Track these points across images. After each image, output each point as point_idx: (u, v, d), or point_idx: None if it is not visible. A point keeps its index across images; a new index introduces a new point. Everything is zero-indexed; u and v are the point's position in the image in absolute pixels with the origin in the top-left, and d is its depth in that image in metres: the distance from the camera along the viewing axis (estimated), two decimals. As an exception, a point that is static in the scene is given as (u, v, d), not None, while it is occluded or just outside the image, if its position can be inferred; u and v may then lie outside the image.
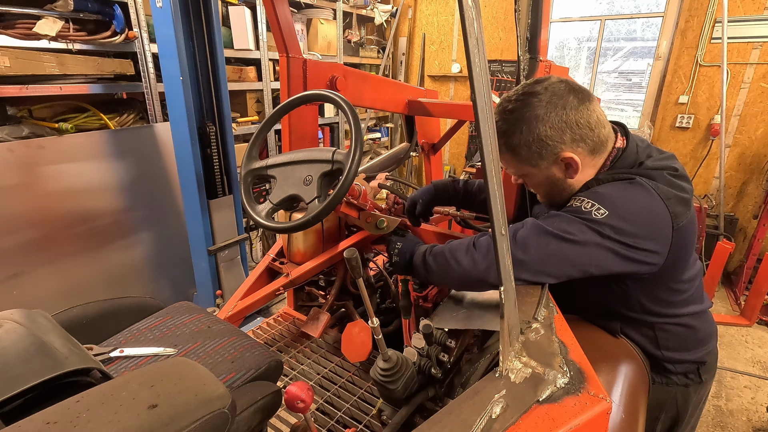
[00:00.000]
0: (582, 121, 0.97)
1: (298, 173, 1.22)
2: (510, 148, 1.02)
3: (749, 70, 3.54)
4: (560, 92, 0.97)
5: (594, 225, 0.91)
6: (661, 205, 0.93)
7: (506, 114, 1.00)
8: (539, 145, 0.98)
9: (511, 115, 0.99)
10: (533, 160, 1.02)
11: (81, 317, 1.03)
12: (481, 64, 0.63)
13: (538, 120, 0.96)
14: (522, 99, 0.99)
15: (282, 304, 3.04)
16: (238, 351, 1.00)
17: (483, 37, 0.64)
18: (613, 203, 0.92)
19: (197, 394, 0.61)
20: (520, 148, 1.00)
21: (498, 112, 1.02)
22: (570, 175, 1.02)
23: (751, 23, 3.46)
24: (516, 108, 0.99)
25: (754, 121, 3.63)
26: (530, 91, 0.99)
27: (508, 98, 1.02)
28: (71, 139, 2.36)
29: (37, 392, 0.62)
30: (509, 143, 1.01)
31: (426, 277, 1.11)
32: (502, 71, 4.72)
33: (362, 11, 4.65)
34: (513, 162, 1.05)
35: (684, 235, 0.96)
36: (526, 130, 0.97)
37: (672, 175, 0.98)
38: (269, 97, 3.59)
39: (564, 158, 1.00)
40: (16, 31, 2.15)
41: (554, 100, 0.97)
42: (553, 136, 0.97)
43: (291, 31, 1.53)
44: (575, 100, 0.97)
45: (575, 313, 1.15)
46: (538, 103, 0.97)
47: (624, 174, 1.00)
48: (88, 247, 2.51)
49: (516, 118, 0.98)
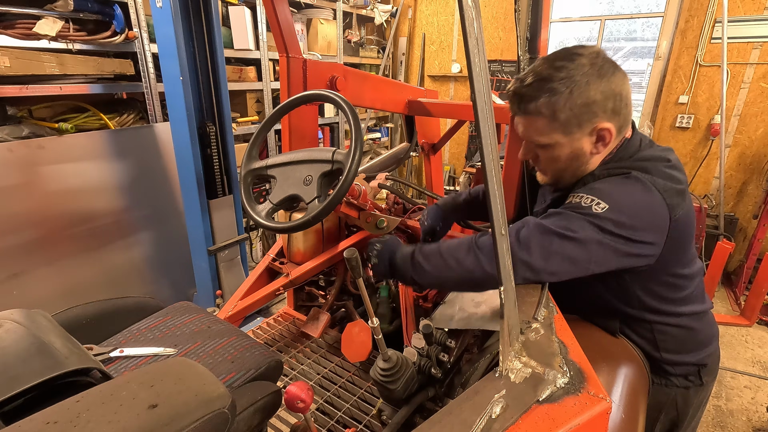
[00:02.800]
0: (624, 93, 0.95)
1: (298, 173, 1.22)
2: (550, 108, 0.93)
3: (749, 70, 3.54)
4: (607, 58, 0.94)
5: (595, 220, 0.90)
6: (658, 197, 0.92)
7: (554, 71, 0.92)
8: (583, 110, 0.92)
9: (559, 73, 0.91)
10: (570, 127, 0.95)
11: (81, 317, 1.03)
12: (481, 64, 0.63)
13: (590, 83, 0.91)
14: (572, 58, 0.92)
15: (282, 304, 3.04)
16: (238, 351, 1.00)
17: (483, 37, 0.64)
18: (612, 197, 0.92)
19: (197, 394, 0.61)
20: (563, 110, 0.93)
21: (543, 68, 0.93)
22: (598, 149, 0.98)
23: (751, 23, 3.46)
24: (565, 66, 0.91)
25: (754, 121, 3.63)
26: (577, 53, 0.93)
27: (555, 56, 0.94)
28: (71, 139, 2.36)
29: (37, 392, 0.62)
30: (552, 103, 0.92)
31: (413, 278, 1.04)
32: (502, 71, 4.72)
33: (362, 11, 4.65)
34: (545, 126, 0.96)
35: (681, 226, 0.96)
36: (576, 91, 0.91)
37: (666, 167, 0.97)
38: (269, 97, 3.59)
39: (601, 129, 0.95)
40: (16, 31, 2.15)
41: (606, 66, 0.92)
42: (598, 102, 0.92)
43: (291, 31, 1.53)
44: (619, 71, 0.94)
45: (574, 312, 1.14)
46: (589, 66, 0.91)
47: (619, 168, 0.98)
48: (88, 247, 2.51)
49: (565, 76, 0.91)
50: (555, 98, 0.92)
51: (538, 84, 0.93)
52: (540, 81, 0.93)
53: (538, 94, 0.93)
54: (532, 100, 0.94)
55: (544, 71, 0.93)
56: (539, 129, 0.98)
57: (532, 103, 0.95)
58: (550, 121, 0.95)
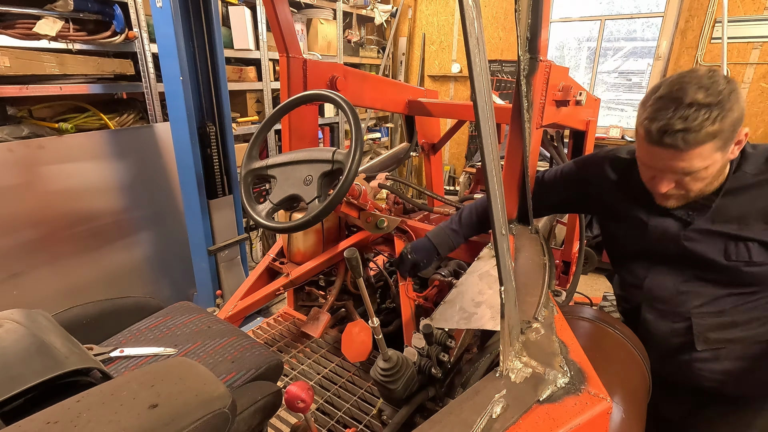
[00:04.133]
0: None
1: (298, 173, 1.22)
2: (717, 132, 0.92)
3: (749, 70, 3.54)
4: (721, 73, 0.98)
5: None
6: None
7: (707, 96, 0.91)
8: (737, 124, 0.95)
9: (721, 95, 0.91)
10: (728, 144, 0.96)
11: (81, 317, 1.03)
12: (482, 64, 0.63)
13: (738, 95, 0.94)
14: (709, 80, 0.93)
15: (282, 304, 3.04)
16: (238, 351, 1.00)
17: (483, 37, 0.64)
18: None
19: (197, 394, 0.61)
20: (725, 131, 0.93)
21: (695, 96, 0.92)
22: (735, 153, 1.01)
23: (751, 23, 3.46)
24: (712, 89, 0.92)
25: (754, 121, 3.63)
26: (707, 72, 0.95)
27: (693, 82, 0.93)
28: (71, 139, 2.36)
29: (38, 392, 0.62)
30: (722, 126, 0.92)
31: (454, 239, 1.31)
32: (502, 71, 4.72)
33: (362, 11, 4.65)
34: (709, 151, 0.95)
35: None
36: (736, 106, 0.92)
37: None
38: (269, 97, 3.59)
39: (742, 133, 0.98)
40: (16, 31, 2.15)
41: (729, 79, 0.96)
42: (741, 115, 0.95)
43: (291, 31, 1.53)
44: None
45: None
46: (725, 80, 0.94)
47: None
48: (88, 247, 2.51)
49: (720, 99, 0.91)
50: (723, 120, 0.92)
51: (698, 112, 0.91)
52: (701, 108, 0.91)
53: (704, 123, 0.91)
54: (699, 129, 0.91)
55: (697, 96, 0.92)
56: (703, 155, 0.95)
57: (699, 132, 0.92)
58: (715, 144, 0.94)
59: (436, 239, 1.34)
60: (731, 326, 1.08)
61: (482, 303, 1.12)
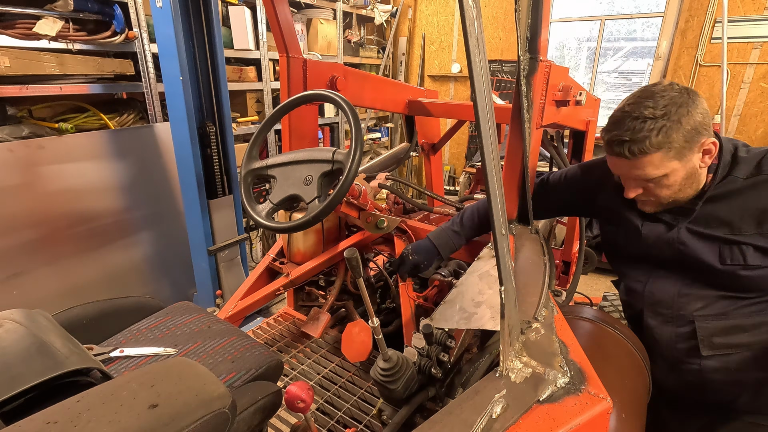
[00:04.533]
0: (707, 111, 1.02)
1: (298, 173, 1.22)
2: (665, 142, 0.98)
3: (749, 70, 3.54)
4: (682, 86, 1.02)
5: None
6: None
7: (654, 108, 0.98)
8: (693, 133, 0.98)
9: (666, 109, 0.97)
10: (684, 152, 1.00)
11: (81, 317, 1.03)
12: (482, 64, 0.63)
13: (690, 108, 0.97)
14: (660, 93, 0.99)
15: (282, 304, 3.04)
16: (238, 351, 1.00)
17: (483, 37, 0.64)
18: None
19: (197, 393, 0.61)
20: (677, 140, 0.98)
21: (640, 109, 0.99)
22: (706, 161, 1.03)
23: (751, 23, 3.46)
24: (660, 101, 0.98)
25: (754, 121, 3.63)
26: (659, 88, 1.01)
27: (642, 96, 1.01)
28: (71, 139, 2.36)
29: (38, 392, 0.62)
30: (666, 136, 0.97)
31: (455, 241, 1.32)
32: (502, 71, 4.72)
33: (362, 11, 4.65)
34: (660, 160, 1.00)
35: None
36: (686, 119, 0.97)
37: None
38: (269, 97, 3.59)
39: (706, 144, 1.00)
40: (16, 31, 2.15)
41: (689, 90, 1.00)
42: (702, 123, 0.99)
43: (291, 31, 1.53)
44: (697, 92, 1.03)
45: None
46: (679, 94, 0.99)
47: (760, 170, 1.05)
48: (88, 247, 2.51)
49: (667, 111, 0.97)
50: (668, 131, 0.97)
51: (643, 124, 0.98)
52: (645, 121, 0.98)
53: (648, 134, 0.97)
54: (643, 141, 0.98)
55: (645, 111, 0.98)
56: (654, 163, 1.01)
57: (644, 143, 0.98)
58: (665, 153, 0.99)
59: (437, 240, 1.33)
60: (737, 330, 1.07)
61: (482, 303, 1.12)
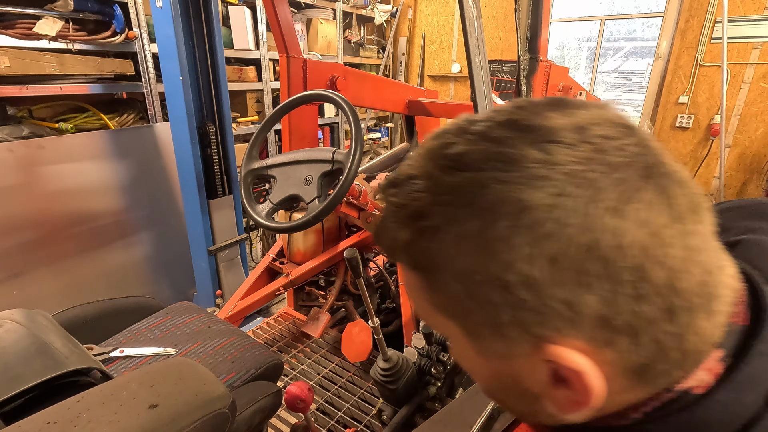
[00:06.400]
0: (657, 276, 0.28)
1: (298, 173, 1.22)
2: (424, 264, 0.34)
3: (749, 70, 3.54)
4: (606, 144, 0.30)
5: None
6: None
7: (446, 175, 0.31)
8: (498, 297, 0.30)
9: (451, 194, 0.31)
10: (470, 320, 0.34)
11: (81, 317, 1.03)
12: (482, 64, 0.63)
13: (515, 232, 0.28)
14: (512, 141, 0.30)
15: (282, 304, 3.04)
16: (238, 351, 1.00)
17: (483, 37, 0.64)
18: None
19: (197, 394, 0.61)
20: (446, 282, 0.32)
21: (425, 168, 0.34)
22: (562, 405, 0.32)
23: (751, 23, 3.46)
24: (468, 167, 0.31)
25: (754, 121, 3.63)
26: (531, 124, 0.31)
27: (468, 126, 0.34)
28: (71, 139, 2.36)
29: (38, 392, 0.62)
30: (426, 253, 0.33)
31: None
32: (502, 71, 4.72)
33: (362, 11, 4.65)
34: (419, 294, 0.36)
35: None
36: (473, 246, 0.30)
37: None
38: (269, 97, 3.58)
39: (549, 354, 0.30)
40: (16, 31, 2.15)
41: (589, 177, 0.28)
42: (543, 288, 0.28)
43: (291, 31, 1.53)
44: (650, 192, 0.29)
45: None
46: (545, 167, 0.29)
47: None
48: (88, 247, 2.51)
49: (462, 200, 0.30)
50: (430, 242, 0.32)
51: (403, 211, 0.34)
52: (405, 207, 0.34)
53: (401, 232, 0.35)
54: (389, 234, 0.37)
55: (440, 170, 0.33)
56: (414, 293, 0.38)
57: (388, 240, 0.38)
58: (427, 290, 0.35)
59: None
60: None
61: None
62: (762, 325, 0.32)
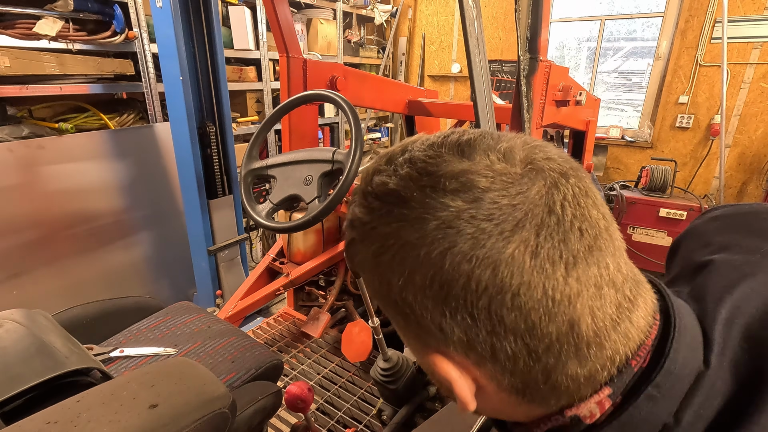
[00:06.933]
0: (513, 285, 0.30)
1: (298, 173, 1.22)
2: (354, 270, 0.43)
3: (749, 70, 3.54)
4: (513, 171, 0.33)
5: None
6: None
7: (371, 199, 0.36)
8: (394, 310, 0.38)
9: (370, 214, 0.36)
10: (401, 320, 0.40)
11: (81, 317, 1.03)
12: (482, 64, 0.63)
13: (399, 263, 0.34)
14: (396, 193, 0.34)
15: (282, 304, 3.04)
16: (238, 351, 1.00)
17: (483, 37, 0.64)
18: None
19: (198, 393, 0.61)
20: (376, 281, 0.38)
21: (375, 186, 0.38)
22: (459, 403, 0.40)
23: (751, 23, 3.46)
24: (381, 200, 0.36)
25: (754, 121, 3.63)
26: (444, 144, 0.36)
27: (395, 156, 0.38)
28: (71, 139, 2.36)
29: (38, 392, 0.62)
30: (351, 261, 0.41)
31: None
32: (502, 71, 4.72)
33: (362, 11, 4.65)
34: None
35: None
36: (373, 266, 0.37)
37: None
38: (269, 97, 3.59)
39: (432, 362, 0.37)
40: (16, 31, 2.15)
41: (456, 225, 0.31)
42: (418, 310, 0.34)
43: (291, 31, 1.53)
44: (514, 244, 0.30)
45: None
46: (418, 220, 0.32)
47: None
48: (88, 247, 2.51)
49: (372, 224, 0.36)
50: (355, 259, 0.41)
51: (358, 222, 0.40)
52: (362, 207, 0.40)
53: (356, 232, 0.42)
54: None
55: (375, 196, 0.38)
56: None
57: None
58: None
59: None
60: None
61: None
62: (658, 370, 0.32)
